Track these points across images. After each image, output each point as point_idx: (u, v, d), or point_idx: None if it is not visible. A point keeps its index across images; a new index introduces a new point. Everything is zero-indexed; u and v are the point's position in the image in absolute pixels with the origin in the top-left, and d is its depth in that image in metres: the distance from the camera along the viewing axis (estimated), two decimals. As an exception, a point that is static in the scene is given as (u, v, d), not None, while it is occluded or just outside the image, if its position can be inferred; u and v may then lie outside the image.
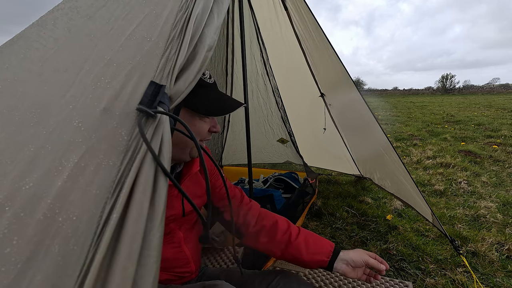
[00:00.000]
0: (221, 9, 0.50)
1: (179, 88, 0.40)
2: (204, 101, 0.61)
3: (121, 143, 0.33)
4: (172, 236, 0.69)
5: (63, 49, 0.37)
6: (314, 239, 0.78)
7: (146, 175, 0.31)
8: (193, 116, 0.62)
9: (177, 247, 0.70)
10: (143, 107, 0.35)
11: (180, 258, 0.71)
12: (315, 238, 0.79)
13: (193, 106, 0.60)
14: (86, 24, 0.40)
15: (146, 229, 0.29)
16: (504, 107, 8.93)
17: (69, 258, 0.27)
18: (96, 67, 0.37)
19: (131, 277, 0.26)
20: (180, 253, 0.71)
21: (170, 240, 0.69)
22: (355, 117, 1.85)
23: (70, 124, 0.33)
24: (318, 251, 0.75)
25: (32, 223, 0.28)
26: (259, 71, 2.09)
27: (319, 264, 0.75)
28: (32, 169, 0.30)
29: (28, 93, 0.33)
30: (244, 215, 0.83)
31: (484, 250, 1.50)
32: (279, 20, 1.71)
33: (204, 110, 0.61)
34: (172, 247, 0.69)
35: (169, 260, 0.69)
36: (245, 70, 1.25)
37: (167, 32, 0.42)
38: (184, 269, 0.72)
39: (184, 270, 0.72)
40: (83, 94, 0.35)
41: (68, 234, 0.28)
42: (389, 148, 1.52)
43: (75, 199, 0.30)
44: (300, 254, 0.75)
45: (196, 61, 0.41)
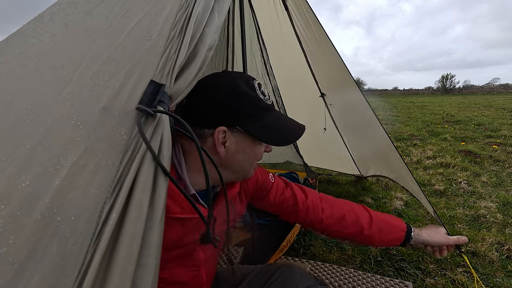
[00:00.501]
0: (222, 9, 0.49)
1: (179, 87, 0.39)
2: (269, 129, 0.56)
3: (120, 142, 0.33)
4: (193, 258, 0.62)
5: (60, 45, 0.36)
6: (387, 227, 0.80)
7: (146, 174, 0.31)
8: (253, 141, 0.56)
9: (196, 270, 0.64)
10: (142, 107, 0.34)
11: (196, 282, 0.65)
12: (388, 224, 0.80)
13: (258, 135, 0.55)
14: (83, 20, 0.39)
15: (145, 229, 0.28)
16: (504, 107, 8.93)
17: (67, 259, 0.27)
18: (94, 65, 0.36)
19: (130, 277, 0.26)
20: (197, 276, 0.65)
21: (189, 263, 0.62)
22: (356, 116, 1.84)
23: (68, 122, 0.32)
24: (391, 238, 0.79)
25: (29, 222, 0.27)
26: (259, 71, 2.08)
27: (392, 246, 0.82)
28: (29, 167, 0.29)
29: (24, 89, 0.32)
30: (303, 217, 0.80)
31: (484, 250, 1.50)
32: (279, 20, 1.70)
33: (268, 140, 0.56)
34: (190, 270, 0.63)
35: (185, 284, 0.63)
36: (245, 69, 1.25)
37: (167, 31, 0.41)
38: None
39: None
40: (81, 92, 0.34)
41: (66, 234, 0.28)
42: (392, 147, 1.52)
43: (73, 198, 0.30)
44: (373, 243, 0.80)
45: (197, 60, 0.41)
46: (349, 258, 1.49)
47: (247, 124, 0.54)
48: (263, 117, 0.56)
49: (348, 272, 1.31)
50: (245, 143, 0.56)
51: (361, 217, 0.79)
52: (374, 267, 1.42)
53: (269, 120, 0.56)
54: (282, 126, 0.59)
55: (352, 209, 0.81)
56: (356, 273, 1.30)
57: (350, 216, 0.80)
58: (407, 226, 0.81)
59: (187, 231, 0.55)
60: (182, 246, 0.57)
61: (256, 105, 0.55)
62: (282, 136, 0.58)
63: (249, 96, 0.54)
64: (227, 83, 0.54)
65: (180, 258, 0.59)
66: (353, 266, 1.43)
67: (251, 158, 0.59)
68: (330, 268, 1.35)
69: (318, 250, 1.56)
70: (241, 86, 0.54)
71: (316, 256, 1.52)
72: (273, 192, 0.79)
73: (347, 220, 0.79)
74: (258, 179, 0.77)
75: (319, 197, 0.85)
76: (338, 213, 0.80)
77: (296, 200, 0.81)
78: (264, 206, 0.82)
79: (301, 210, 0.80)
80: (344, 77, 1.58)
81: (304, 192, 0.83)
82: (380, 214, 0.83)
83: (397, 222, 0.81)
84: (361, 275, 1.29)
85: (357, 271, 1.31)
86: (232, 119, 0.53)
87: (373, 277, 1.27)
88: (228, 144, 0.54)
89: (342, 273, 1.31)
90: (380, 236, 0.78)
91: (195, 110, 0.53)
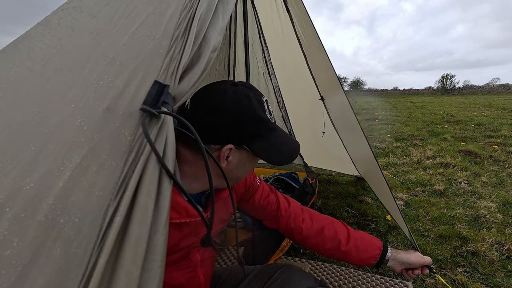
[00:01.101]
0: (226, 10, 0.49)
1: (183, 88, 0.39)
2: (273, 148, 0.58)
3: (124, 143, 0.33)
4: (189, 259, 0.64)
5: (66, 48, 0.36)
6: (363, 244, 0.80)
7: (151, 176, 0.31)
8: (254, 157, 0.59)
9: (192, 271, 0.65)
10: (147, 107, 0.34)
11: (193, 283, 0.67)
12: (364, 243, 0.80)
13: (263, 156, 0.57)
14: (89, 23, 0.39)
15: (150, 232, 0.28)
16: (504, 107, 8.94)
17: (71, 262, 0.27)
18: (99, 66, 0.36)
19: (135, 282, 0.26)
20: (194, 277, 0.66)
21: (186, 265, 0.64)
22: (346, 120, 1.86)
23: (72, 124, 0.32)
24: (367, 256, 0.79)
25: (33, 224, 0.27)
26: (260, 71, 2.08)
27: (367, 265, 0.80)
28: (33, 169, 0.29)
29: (30, 92, 0.33)
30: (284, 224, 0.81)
31: (484, 250, 1.50)
32: (281, 21, 1.70)
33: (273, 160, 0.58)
34: (187, 272, 0.64)
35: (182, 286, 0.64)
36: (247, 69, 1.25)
37: (171, 31, 0.41)
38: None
39: None
40: (86, 93, 0.34)
41: (70, 237, 0.27)
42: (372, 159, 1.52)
43: (77, 200, 0.29)
44: (349, 260, 0.79)
45: (201, 61, 0.41)
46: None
47: (253, 144, 0.56)
48: (269, 136, 0.58)
49: (348, 272, 1.31)
50: (247, 159, 0.59)
51: (340, 232, 0.80)
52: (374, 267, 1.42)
53: (273, 140, 0.59)
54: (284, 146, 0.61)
55: (331, 223, 0.82)
56: (356, 273, 1.30)
57: (329, 229, 0.80)
58: (384, 245, 0.81)
59: (184, 236, 0.57)
60: (178, 250, 0.58)
61: (265, 127, 0.57)
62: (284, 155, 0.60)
63: (262, 120, 0.56)
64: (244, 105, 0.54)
65: (176, 261, 0.61)
66: (353, 266, 1.43)
67: (248, 170, 0.63)
68: (330, 268, 1.36)
69: (319, 250, 1.56)
70: (256, 109, 0.55)
71: (316, 256, 1.52)
72: (258, 195, 0.81)
73: (326, 234, 0.80)
74: (246, 180, 0.79)
75: (301, 208, 0.86)
76: (317, 226, 0.81)
77: (279, 206, 0.83)
78: (248, 208, 0.84)
79: (283, 216, 0.82)
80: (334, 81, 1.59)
81: (287, 200, 0.86)
82: (358, 232, 0.83)
83: (374, 240, 0.82)
84: (361, 275, 1.29)
85: (357, 271, 1.31)
86: (242, 139, 0.55)
87: (373, 277, 1.27)
88: (230, 158, 0.56)
89: (342, 273, 1.31)
90: (357, 253, 0.78)
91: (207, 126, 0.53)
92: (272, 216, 0.83)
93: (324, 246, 0.80)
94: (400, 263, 0.79)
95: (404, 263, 0.79)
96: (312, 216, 0.84)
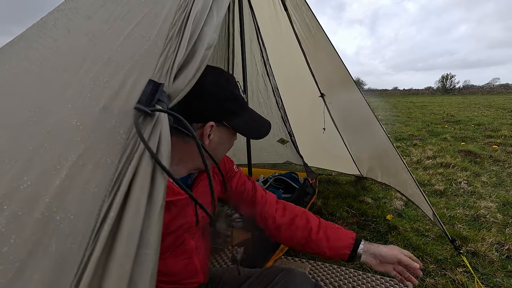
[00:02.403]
0: (220, 8, 0.50)
1: (178, 86, 0.40)
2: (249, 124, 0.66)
3: (119, 141, 0.33)
4: (184, 246, 0.67)
5: (62, 49, 0.37)
6: (335, 233, 0.78)
7: (144, 173, 0.31)
8: (232, 134, 0.66)
9: (188, 258, 0.68)
10: (140, 106, 0.35)
11: (190, 270, 0.69)
12: (335, 232, 0.79)
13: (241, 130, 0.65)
14: (85, 24, 0.40)
15: (143, 227, 0.29)
16: (504, 107, 8.93)
17: (67, 257, 0.27)
18: (95, 67, 0.37)
19: (127, 274, 0.26)
20: (190, 264, 0.68)
21: (181, 252, 0.66)
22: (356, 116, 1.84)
23: (69, 123, 0.33)
24: (340, 245, 0.76)
25: (30, 222, 0.28)
26: (259, 71, 2.09)
27: (340, 258, 0.77)
28: (30, 168, 0.30)
29: (27, 93, 0.33)
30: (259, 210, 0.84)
31: (484, 250, 1.50)
32: (279, 20, 1.71)
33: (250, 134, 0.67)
34: (182, 259, 0.67)
35: (178, 273, 0.66)
36: (245, 70, 1.25)
37: (166, 31, 0.42)
38: (193, 280, 0.70)
39: (192, 281, 0.70)
40: (82, 94, 0.35)
41: (65, 233, 0.28)
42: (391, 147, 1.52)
43: (73, 197, 0.30)
44: (321, 250, 0.77)
45: (195, 59, 0.41)
46: (349, 258, 1.49)
47: (232, 120, 0.63)
48: (243, 114, 0.65)
49: (348, 272, 1.31)
50: (226, 137, 0.65)
51: (311, 221, 0.81)
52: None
53: (247, 117, 0.66)
54: (258, 122, 0.69)
55: (303, 213, 0.84)
56: (356, 273, 1.30)
57: (300, 218, 0.81)
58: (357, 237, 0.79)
59: (173, 216, 0.60)
60: (170, 233, 0.61)
61: (240, 105, 0.64)
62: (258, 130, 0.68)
63: (238, 98, 0.63)
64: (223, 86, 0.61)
65: (171, 248, 0.64)
66: (353, 266, 1.43)
67: (227, 148, 0.69)
68: (330, 268, 1.36)
69: (318, 250, 1.56)
70: (233, 89, 0.62)
71: (316, 256, 1.52)
72: (235, 180, 0.85)
73: (297, 223, 0.80)
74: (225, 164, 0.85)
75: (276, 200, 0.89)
76: (290, 215, 0.83)
77: (256, 192, 0.86)
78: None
79: (259, 202, 0.84)
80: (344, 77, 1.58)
81: (264, 191, 0.89)
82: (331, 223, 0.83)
83: (347, 231, 0.80)
84: (361, 275, 1.29)
85: (357, 271, 1.31)
86: (222, 116, 0.61)
87: (373, 277, 1.27)
88: (212, 136, 0.61)
89: (342, 273, 1.31)
90: (327, 242, 0.76)
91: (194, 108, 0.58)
92: (248, 201, 0.85)
93: (296, 235, 0.79)
94: (372, 255, 0.75)
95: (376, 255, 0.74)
96: (286, 206, 0.86)
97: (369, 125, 1.66)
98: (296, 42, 1.70)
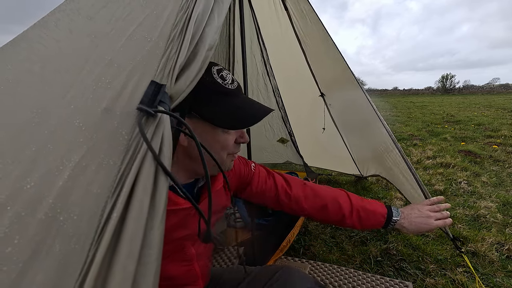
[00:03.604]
0: (221, 9, 0.50)
1: (180, 88, 0.40)
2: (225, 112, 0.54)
3: (121, 142, 0.34)
4: (184, 253, 0.64)
5: (64, 50, 0.37)
6: (366, 214, 0.83)
7: (147, 174, 0.31)
8: (215, 129, 0.55)
9: (188, 264, 0.66)
10: (143, 107, 0.35)
11: (190, 276, 0.67)
12: (367, 213, 0.83)
13: (212, 119, 0.53)
14: (87, 25, 0.40)
15: (146, 228, 0.29)
16: (504, 107, 8.93)
17: (70, 258, 0.27)
18: (97, 68, 0.37)
19: (131, 275, 0.26)
20: (190, 270, 0.66)
21: (181, 258, 0.64)
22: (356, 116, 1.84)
23: (71, 124, 0.33)
24: (371, 223, 0.83)
25: (33, 222, 0.28)
26: (259, 71, 2.09)
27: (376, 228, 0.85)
28: (33, 169, 0.30)
29: (29, 94, 0.33)
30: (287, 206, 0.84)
31: (484, 250, 1.50)
32: (279, 20, 1.71)
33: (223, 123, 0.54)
34: (182, 265, 0.65)
35: (178, 278, 0.64)
36: (245, 70, 1.26)
37: (168, 32, 0.42)
38: (192, 286, 0.69)
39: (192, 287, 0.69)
40: (84, 95, 0.35)
41: (69, 233, 0.28)
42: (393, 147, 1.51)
43: (76, 198, 0.30)
44: (355, 228, 0.84)
45: (197, 60, 0.42)
46: (349, 258, 1.49)
47: (202, 109, 0.53)
48: (222, 102, 0.54)
49: (348, 272, 1.31)
50: (204, 131, 0.54)
51: (343, 206, 0.83)
52: (374, 267, 1.42)
53: (227, 104, 0.55)
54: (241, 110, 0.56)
55: (334, 199, 0.84)
56: (356, 273, 1.30)
57: (332, 205, 0.83)
58: (388, 212, 0.84)
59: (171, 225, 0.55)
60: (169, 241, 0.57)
61: (212, 89, 0.54)
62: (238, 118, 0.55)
63: (204, 82, 0.52)
64: None
65: (171, 254, 0.61)
66: (353, 266, 1.43)
67: (215, 147, 0.57)
68: (330, 268, 1.36)
69: (318, 250, 1.56)
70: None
71: (316, 256, 1.52)
72: (255, 182, 0.81)
73: (329, 210, 0.83)
74: (241, 170, 0.78)
75: (303, 186, 0.87)
76: (320, 203, 0.84)
77: (278, 191, 0.83)
78: (246, 196, 0.85)
79: (283, 200, 0.83)
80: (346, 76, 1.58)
81: (287, 182, 0.86)
82: (362, 203, 0.85)
83: (377, 208, 0.85)
84: (361, 275, 1.29)
85: (357, 271, 1.31)
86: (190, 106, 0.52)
87: (373, 277, 1.27)
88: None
89: (342, 273, 1.31)
90: (360, 223, 0.83)
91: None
92: (272, 201, 0.84)
93: (329, 220, 0.85)
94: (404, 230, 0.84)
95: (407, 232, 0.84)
96: (316, 192, 0.86)
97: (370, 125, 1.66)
98: (296, 42, 1.70)
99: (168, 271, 0.61)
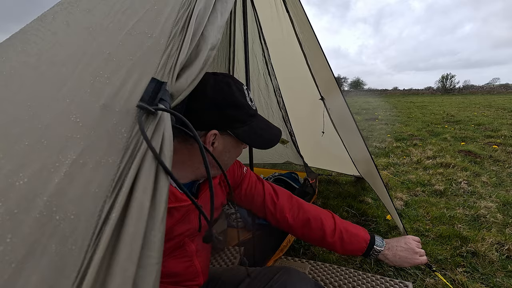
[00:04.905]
0: (225, 8, 0.49)
1: (181, 86, 0.39)
2: (255, 133, 0.62)
3: (121, 140, 0.33)
4: (185, 249, 0.66)
5: (61, 42, 0.36)
6: (349, 236, 0.81)
7: (147, 173, 0.30)
8: (238, 142, 0.63)
9: (189, 260, 0.68)
10: (143, 104, 0.34)
11: (190, 272, 0.69)
12: (350, 235, 0.81)
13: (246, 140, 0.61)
14: (84, 18, 0.39)
15: (146, 229, 0.28)
16: (504, 107, 8.93)
17: (66, 259, 0.26)
18: (94, 61, 0.36)
19: (131, 278, 0.25)
20: (191, 267, 0.68)
21: (182, 254, 0.66)
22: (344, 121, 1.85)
23: (67, 119, 0.32)
24: (352, 248, 0.81)
25: (27, 220, 0.27)
26: (260, 71, 2.08)
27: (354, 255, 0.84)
28: (27, 164, 0.29)
29: (24, 86, 0.32)
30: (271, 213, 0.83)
31: (484, 250, 1.49)
32: (280, 21, 1.70)
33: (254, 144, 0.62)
34: (183, 261, 0.67)
35: (179, 275, 0.66)
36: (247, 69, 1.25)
37: (169, 28, 0.41)
38: (193, 282, 0.70)
39: (192, 284, 0.70)
40: (81, 89, 0.34)
41: (66, 233, 0.27)
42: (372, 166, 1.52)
43: (73, 197, 0.29)
44: (335, 250, 0.82)
45: (199, 59, 0.41)
46: (349, 258, 1.49)
47: (237, 129, 0.60)
48: (250, 122, 0.62)
49: (348, 272, 1.31)
50: (231, 144, 0.62)
51: (326, 224, 0.82)
52: (374, 267, 1.42)
53: (255, 125, 0.63)
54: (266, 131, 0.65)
55: (318, 215, 0.84)
56: (356, 273, 1.29)
57: (315, 221, 0.82)
58: (371, 239, 0.81)
59: (175, 222, 0.59)
60: (172, 238, 0.60)
61: (246, 112, 0.61)
62: (265, 140, 0.64)
63: (243, 105, 0.60)
64: (224, 91, 0.58)
65: (171, 251, 0.63)
66: (353, 266, 1.43)
67: (234, 156, 0.66)
68: (330, 268, 1.35)
69: (318, 250, 1.55)
70: (237, 95, 0.59)
71: (316, 256, 1.52)
72: (245, 184, 0.84)
73: (312, 225, 0.82)
74: (234, 171, 0.82)
75: (290, 197, 0.88)
76: (303, 216, 0.83)
77: (265, 198, 0.85)
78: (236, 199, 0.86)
79: (269, 208, 0.84)
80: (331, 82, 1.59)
81: (275, 191, 0.88)
82: (346, 224, 0.84)
83: (361, 232, 0.82)
84: (361, 275, 1.28)
85: (357, 271, 1.31)
86: (225, 124, 0.59)
87: (373, 277, 1.26)
88: (216, 144, 0.59)
89: (342, 273, 1.30)
90: (342, 244, 0.81)
91: (193, 113, 0.56)
92: (258, 206, 0.85)
93: (310, 237, 0.83)
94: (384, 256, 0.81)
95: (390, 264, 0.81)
96: (300, 206, 0.86)
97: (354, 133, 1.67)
98: (297, 43, 1.70)
99: (169, 268, 0.63)
